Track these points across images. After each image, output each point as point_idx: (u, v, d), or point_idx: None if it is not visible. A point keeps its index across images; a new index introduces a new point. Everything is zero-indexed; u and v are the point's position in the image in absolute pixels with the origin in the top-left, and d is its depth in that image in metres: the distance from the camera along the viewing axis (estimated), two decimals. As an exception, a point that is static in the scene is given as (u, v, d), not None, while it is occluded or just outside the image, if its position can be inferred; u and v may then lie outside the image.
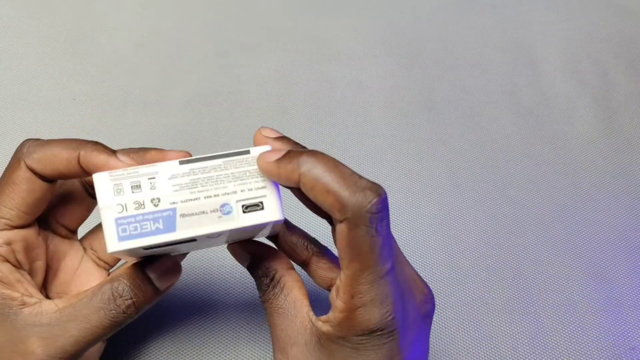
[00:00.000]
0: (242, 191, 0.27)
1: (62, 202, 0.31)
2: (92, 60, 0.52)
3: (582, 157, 0.51)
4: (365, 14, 0.59)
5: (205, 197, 0.27)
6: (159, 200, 0.26)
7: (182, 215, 0.26)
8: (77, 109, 0.49)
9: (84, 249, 0.33)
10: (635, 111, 0.55)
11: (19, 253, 0.28)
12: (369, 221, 0.24)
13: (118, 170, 0.26)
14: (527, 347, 0.41)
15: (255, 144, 0.29)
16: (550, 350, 0.41)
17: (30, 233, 0.29)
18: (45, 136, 0.47)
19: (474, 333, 0.41)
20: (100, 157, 0.27)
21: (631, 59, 0.59)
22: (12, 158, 0.28)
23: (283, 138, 0.29)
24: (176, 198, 0.26)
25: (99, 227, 0.34)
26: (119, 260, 0.34)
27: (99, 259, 0.33)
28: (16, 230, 0.28)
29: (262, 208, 0.27)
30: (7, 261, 0.28)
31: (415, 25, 0.59)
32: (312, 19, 0.58)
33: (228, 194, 0.27)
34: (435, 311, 0.42)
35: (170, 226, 0.26)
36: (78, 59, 0.52)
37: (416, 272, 0.30)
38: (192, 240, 0.27)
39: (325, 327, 0.27)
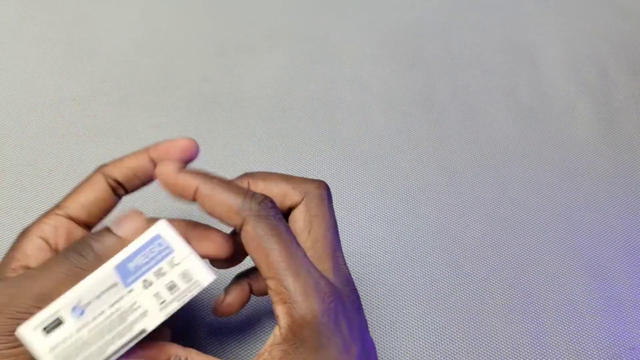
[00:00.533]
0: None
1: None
2: (92, 60, 0.52)
3: (582, 157, 0.52)
4: (365, 14, 0.59)
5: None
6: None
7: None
8: (78, 109, 0.49)
9: None
10: (635, 111, 0.55)
11: (61, 237, 0.29)
12: (266, 213, 0.27)
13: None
14: (527, 347, 0.41)
15: (160, 181, 0.29)
16: (550, 350, 0.41)
17: (78, 230, 0.30)
18: (45, 136, 0.47)
19: (473, 333, 0.41)
20: (166, 143, 0.30)
21: (631, 59, 0.59)
22: (91, 174, 0.31)
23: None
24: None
25: None
26: None
27: None
28: (69, 221, 0.29)
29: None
30: (42, 239, 0.28)
31: (416, 25, 0.59)
32: (312, 19, 0.58)
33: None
34: (435, 311, 0.42)
35: None
36: (78, 59, 0.52)
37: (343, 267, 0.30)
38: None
39: (276, 351, 0.26)
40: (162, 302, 0.27)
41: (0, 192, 0.44)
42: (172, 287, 0.27)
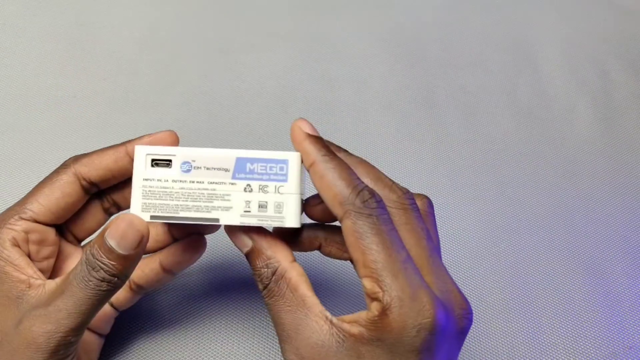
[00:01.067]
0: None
1: (79, 214, 0.32)
2: (93, 58, 0.52)
3: (582, 156, 0.52)
4: (366, 13, 0.59)
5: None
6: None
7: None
8: (78, 107, 0.49)
9: None
10: (635, 111, 0.55)
11: (33, 245, 0.30)
12: (369, 212, 0.26)
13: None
14: (525, 346, 0.41)
15: (292, 133, 0.30)
16: (548, 349, 0.41)
17: (49, 231, 0.30)
18: (45, 133, 0.47)
19: (471, 331, 0.41)
20: (143, 139, 0.30)
21: (631, 59, 0.59)
22: (60, 166, 0.31)
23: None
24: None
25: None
26: None
27: None
28: (37, 224, 0.30)
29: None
30: (18, 246, 0.29)
31: (416, 25, 0.59)
32: (312, 18, 0.58)
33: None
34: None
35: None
36: (79, 57, 0.52)
37: (456, 286, 0.29)
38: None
39: (355, 329, 0.26)
40: (246, 211, 0.28)
41: (0, 188, 0.44)
42: (262, 206, 0.28)
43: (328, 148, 0.28)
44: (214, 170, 0.28)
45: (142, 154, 0.28)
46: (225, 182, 0.28)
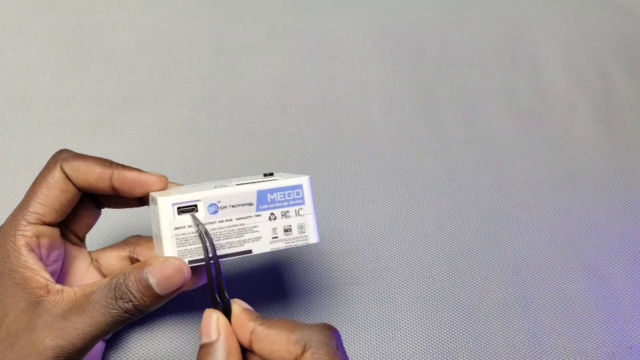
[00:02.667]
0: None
1: (75, 210, 0.32)
2: (93, 58, 0.52)
3: (581, 156, 0.52)
4: (366, 13, 0.59)
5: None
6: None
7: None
8: (78, 107, 0.49)
9: (91, 259, 0.34)
10: (635, 111, 0.55)
11: (44, 249, 0.30)
12: (333, 343, 0.26)
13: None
14: (525, 345, 0.41)
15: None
16: (547, 349, 0.41)
17: (55, 233, 0.31)
18: (45, 133, 0.47)
19: (471, 330, 0.41)
20: (131, 173, 0.31)
21: (631, 59, 0.59)
22: (48, 162, 0.31)
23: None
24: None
25: (107, 247, 0.35)
26: None
27: (102, 273, 0.34)
28: (45, 227, 0.30)
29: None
30: (33, 251, 0.29)
31: (416, 25, 0.59)
32: (312, 18, 0.58)
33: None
34: (433, 308, 0.42)
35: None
36: (79, 57, 0.52)
37: None
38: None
39: None
40: (274, 237, 0.30)
41: (0, 189, 0.44)
42: (287, 230, 0.31)
43: (260, 315, 0.28)
44: (239, 206, 0.30)
45: (168, 205, 0.29)
46: (251, 216, 0.30)
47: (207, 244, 0.28)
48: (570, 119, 0.54)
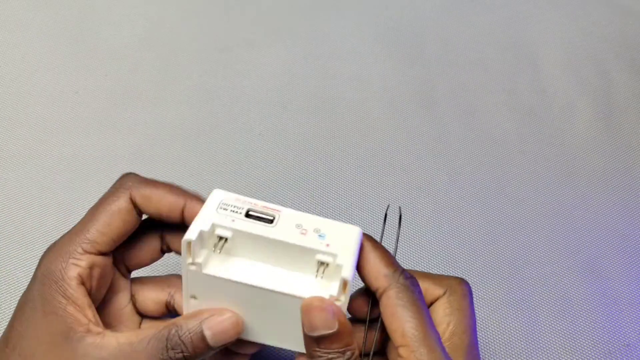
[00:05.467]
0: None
1: (134, 243, 0.31)
2: (94, 54, 0.53)
3: (581, 155, 0.52)
4: (366, 11, 0.60)
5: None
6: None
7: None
8: (80, 103, 0.49)
9: (131, 293, 0.33)
10: (634, 111, 0.55)
11: (95, 280, 0.29)
12: (412, 288, 0.28)
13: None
14: (522, 343, 0.41)
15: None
16: (544, 346, 0.41)
17: (108, 263, 0.29)
18: (47, 129, 0.47)
19: (469, 328, 0.42)
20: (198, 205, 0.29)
21: (631, 59, 0.59)
22: (113, 187, 0.30)
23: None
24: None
25: (146, 280, 0.34)
26: (152, 314, 0.34)
27: (137, 310, 0.33)
28: (100, 257, 0.29)
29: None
30: (84, 284, 0.28)
31: (416, 23, 0.59)
32: (313, 16, 0.58)
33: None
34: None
35: None
36: (81, 53, 0.52)
37: None
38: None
39: None
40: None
41: (2, 185, 0.44)
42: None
43: (371, 237, 0.30)
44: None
45: None
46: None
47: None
48: (570, 117, 0.54)
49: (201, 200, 0.29)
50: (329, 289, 0.27)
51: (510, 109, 0.54)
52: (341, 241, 0.28)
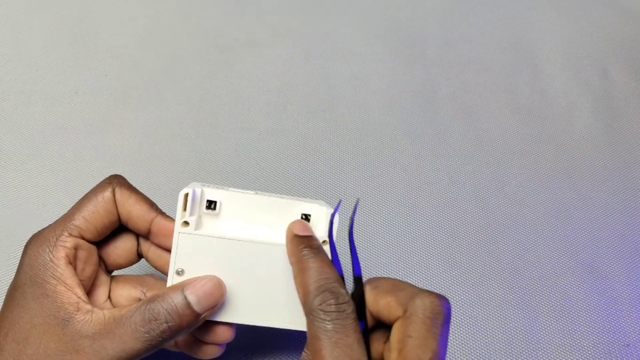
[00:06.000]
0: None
1: (112, 241, 0.32)
2: (95, 53, 0.53)
3: (581, 155, 0.52)
4: (366, 11, 0.60)
5: None
6: None
7: None
8: (79, 102, 0.50)
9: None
10: (634, 111, 0.55)
11: (80, 262, 0.30)
12: (323, 317, 0.26)
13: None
14: (522, 342, 0.41)
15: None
16: (544, 346, 0.41)
17: (93, 250, 0.30)
18: (47, 128, 0.47)
19: (469, 327, 0.42)
20: (168, 224, 0.30)
21: (631, 59, 0.59)
22: (102, 181, 0.31)
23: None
24: None
25: (121, 277, 0.34)
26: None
27: (112, 304, 0.33)
28: (84, 241, 0.30)
29: None
30: (71, 264, 0.29)
31: (417, 22, 0.59)
32: (313, 16, 0.58)
33: None
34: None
35: None
36: (81, 52, 0.53)
37: None
38: None
39: None
40: None
41: (3, 183, 0.44)
42: None
43: (311, 246, 0.28)
44: None
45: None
46: None
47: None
48: (570, 117, 0.54)
49: (172, 220, 0.30)
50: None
51: (511, 108, 0.54)
52: (320, 205, 0.31)
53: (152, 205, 0.31)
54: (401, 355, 0.25)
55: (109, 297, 0.33)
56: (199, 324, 0.29)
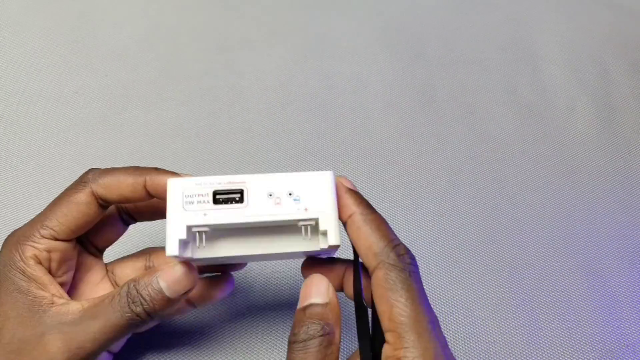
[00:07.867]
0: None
1: (98, 224, 0.32)
2: (94, 54, 0.53)
3: (581, 155, 0.52)
4: (366, 11, 0.60)
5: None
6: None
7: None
8: (79, 103, 0.50)
9: (106, 270, 0.34)
10: (634, 111, 0.55)
11: (55, 262, 0.30)
12: (403, 267, 0.26)
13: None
14: (522, 342, 0.41)
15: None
16: (544, 346, 0.41)
17: (68, 247, 0.31)
18: (47, 128, 0.47)
19: (469, 327, 0.42)
20: (165, 177, 0.29)
21: (631, 59, 0.59)
22: (76, 181, 0.31)
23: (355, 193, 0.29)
24: None
25: (124, 258, 0.35)
26: None
27: (116, 283, 0.34)
28: (58, 242, 0.30)
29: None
30: (41, 264, 0.29)
31: (416, 22, 0.59)
32: (313, 16, 0.58)
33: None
34: (432, 305, 0.42)
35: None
36: (81, 53, 0.52)
37: None
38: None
39: None
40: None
41: (3, 183, 0.44)
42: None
43: (367, 203, 0.28)
44: None
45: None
46: None
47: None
48: (570, 117, 0.54)
49: (160, 171, 0.30)
50: (318, 243, 0.28)
51: (511, 108, 0.54)
52: (317, 198, 0.28)
53: (135, 171, 0.30)
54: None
55: (114, 277, 0.34)
56: (176, 306, 0.30)
